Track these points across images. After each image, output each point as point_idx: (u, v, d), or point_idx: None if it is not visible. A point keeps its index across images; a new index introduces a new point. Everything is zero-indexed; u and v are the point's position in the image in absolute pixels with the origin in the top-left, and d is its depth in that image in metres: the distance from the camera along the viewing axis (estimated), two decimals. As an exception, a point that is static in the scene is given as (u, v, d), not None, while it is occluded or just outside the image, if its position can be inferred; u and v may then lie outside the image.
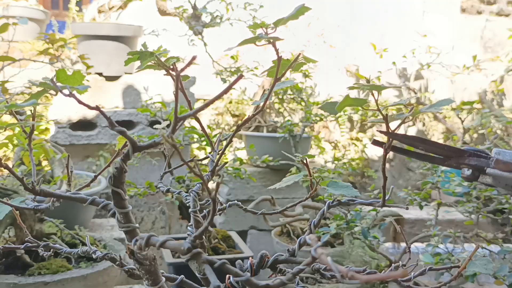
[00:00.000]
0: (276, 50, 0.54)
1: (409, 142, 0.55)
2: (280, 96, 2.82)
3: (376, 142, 0.56)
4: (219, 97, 0.48)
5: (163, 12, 2.56)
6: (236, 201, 0.87)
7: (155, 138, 0.49)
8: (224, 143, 0.75)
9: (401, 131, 3.75)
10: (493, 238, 1.65)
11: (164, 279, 0.62)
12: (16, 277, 1.40)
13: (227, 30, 2.52)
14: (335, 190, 0.72)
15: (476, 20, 3.94)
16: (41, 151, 1.59)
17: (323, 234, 1.47)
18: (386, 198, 0.66)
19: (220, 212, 0.81)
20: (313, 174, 0.76)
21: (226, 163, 2.07)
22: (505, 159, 0.51)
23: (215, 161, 0.72)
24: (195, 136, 2.07)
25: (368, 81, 3.53)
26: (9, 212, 0.62)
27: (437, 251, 1.50)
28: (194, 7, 2.45)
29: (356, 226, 1.50)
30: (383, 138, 0.56)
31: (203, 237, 0.66)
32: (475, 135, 3.72)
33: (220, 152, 0.74)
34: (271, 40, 0.53)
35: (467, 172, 0.53)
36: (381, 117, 0.53)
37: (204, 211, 0.75)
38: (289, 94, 2.76)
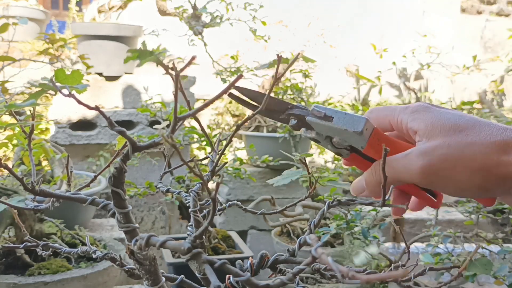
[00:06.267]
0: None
1: (253, 95, 0.60)
2: (280, 96, 2.82)
3: (232, 95, 0.60)
4: (219, 97, 0.48)
5: (163, 12, 2.56)
6: (236, 201, 0.87)
7: (155, 138, 0.49)
8: (224, 143, 0.75)
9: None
10: (493, 238, 1.65)
11: (164, 279, 0.62)
12: (16, 277, 1.40)
13: (227, 30, 2.52)
14: (335, 186, 0.72)
15: (476, 20, 3.94)
16: (41, 151, 1.59)
17: (323, 234, 1.47)
18: (386, 198, 0.66)
19: (220, 212, 0.81)
20: (312, 173, 0.76)
21: (226, 163, 2.07)
22: (314, 112, 0.58)
23: (215, 161, 0.72)
24: (195, 136, 2.07)
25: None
26: (9, 212, 0.62)
27: (437, 251, 1.50)
28: (194, 7, 2.45)
29: (356, 226, 1.50)
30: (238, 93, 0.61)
31: (203, 237, 0.66)
32: (475, 135, 3.72)
33: (220, 152, 0.74)
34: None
35: (293, 121, 0.59)
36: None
37: (204, 211, 0.74)
38: (289, 94, 2.76)
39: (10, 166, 0.57)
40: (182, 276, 0.69)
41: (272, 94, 0.57)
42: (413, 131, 0.56)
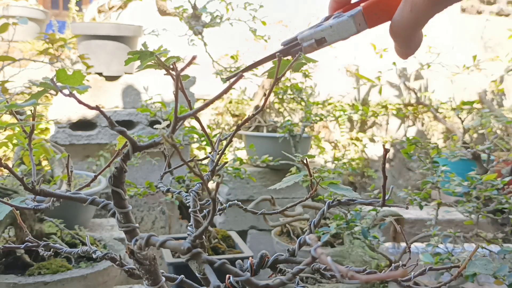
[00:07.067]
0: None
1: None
2: (280, 96, 2.82)
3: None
4: (219, 97, 0.48)
5: (163, 12, 2.56)
6: (236, 201, 0.87)
7: (155, 138, 0.49)
8: (224, 143, 0.75)
9: (401, 131, 3.75)
10: (493, 238, 1.65)
11: (164, 279, 0.62)
12: (16, 277, 1.40)
13: (227, 30, 2.52)
14: (336, 190, 0.72)
15: (476, 20, 3.94)
16: (41, 151, 1.59)
17: (323, 234, 1.47)
18: (386, 198, 0.66)
19: (220, 212, 0.81)
20: (313, 174, 0.76)
21: (226, 163, 2.07)
22: (307, 43, 0.60)
23: (215, 161, 0.72)
24: (195, 136, 2.07)
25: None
26: (9, 212, 0.62)
27: (437, 251, 1.50)
28: (194, 7, 2.45)
29: (356, 226, 1.50)
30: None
31: (203, 237, 0.66)
32: (475, 135, 3.72)
33: (220, 152, 0.74)
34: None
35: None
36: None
37: (204, 211, 0.75)
38: (289, 94, 2.76)
39: (10, 166, 0.57)
40: (182, 276, 0.70)
41: (272, 94, 0.57)
42: None
